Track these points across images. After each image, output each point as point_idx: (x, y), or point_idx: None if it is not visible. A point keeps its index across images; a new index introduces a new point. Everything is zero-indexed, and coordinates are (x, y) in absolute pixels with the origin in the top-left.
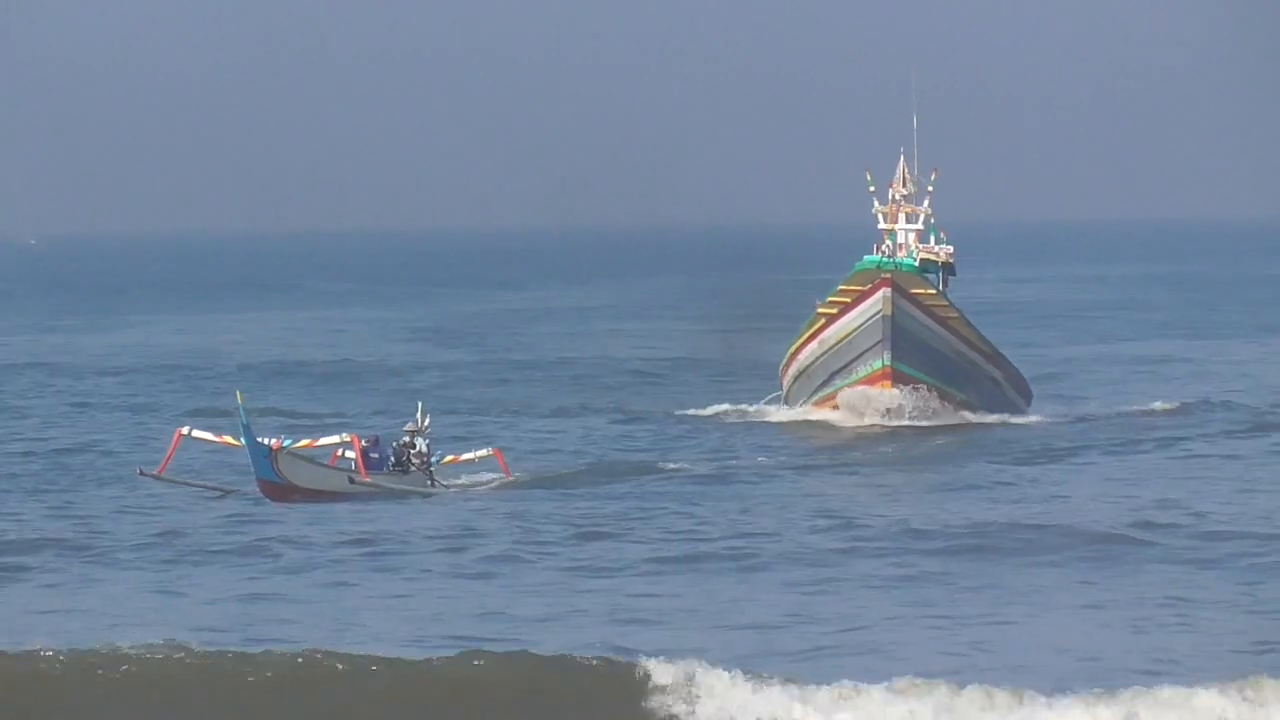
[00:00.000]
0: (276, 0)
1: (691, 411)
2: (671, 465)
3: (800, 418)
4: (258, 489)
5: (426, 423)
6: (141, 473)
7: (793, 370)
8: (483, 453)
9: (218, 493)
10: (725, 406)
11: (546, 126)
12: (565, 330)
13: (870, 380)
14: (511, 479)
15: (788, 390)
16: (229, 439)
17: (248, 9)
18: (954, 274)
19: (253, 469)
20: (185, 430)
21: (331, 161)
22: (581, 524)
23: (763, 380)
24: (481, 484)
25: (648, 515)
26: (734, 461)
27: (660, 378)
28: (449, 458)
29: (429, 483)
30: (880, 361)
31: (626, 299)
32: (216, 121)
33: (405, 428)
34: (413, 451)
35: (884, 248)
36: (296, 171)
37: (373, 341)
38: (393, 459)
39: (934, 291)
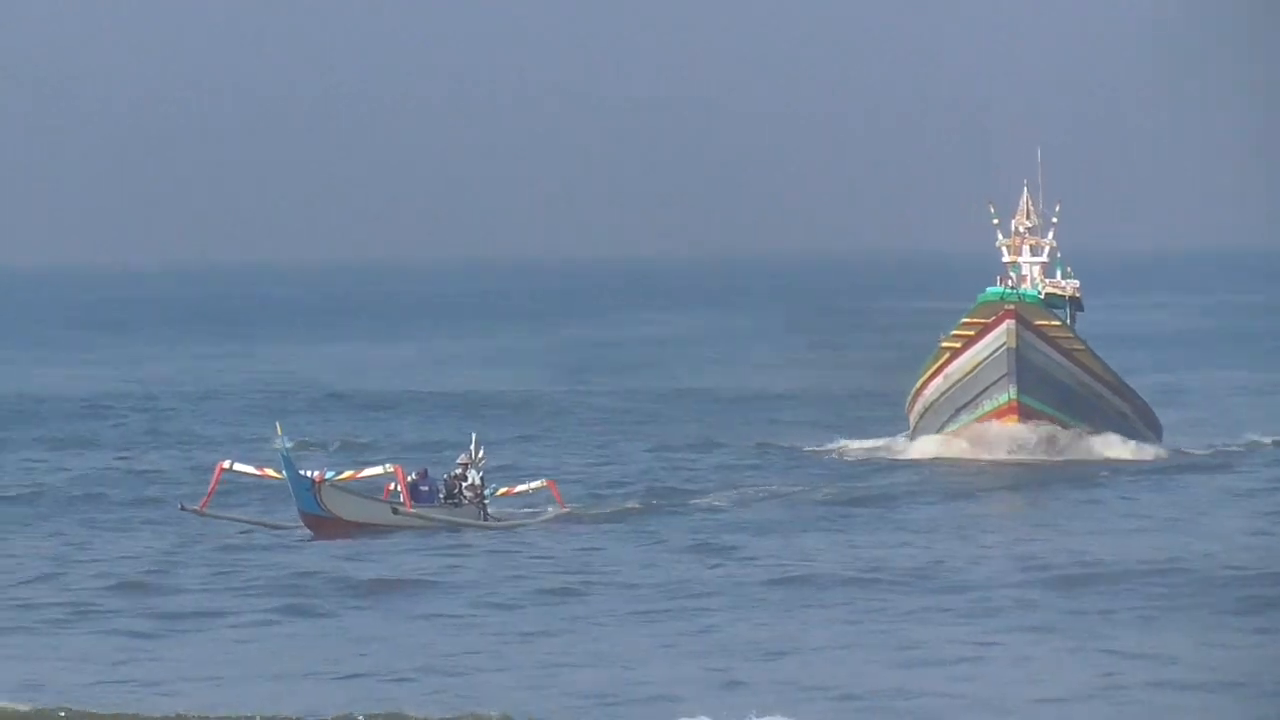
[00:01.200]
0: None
1: (816, 447)
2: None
3: (926, 454)
4: (300, 522)
5: (480, 455)
6: (183, 508)
7: (919, 406)
8: (536, 484)
9: (261, 527)
10: (850, 443)
11: (660, 157)
12: (697, 358)
13: (996, 414)
14: (566, 510)
15: (914, 425)
16: (270, 471)
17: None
18: (1081, 309)
19: (295, 502)
20: (227, 464)
21: (460, 192)
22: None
23: (892, 411)
24: (536, 516)
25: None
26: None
27: (783, 409)
28: (502, 490)
29: (481, 515)
30: (1006, 395)
31: (747, 326)
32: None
33: (458, 460)
34: (465, 484)
35: (1008, 280)
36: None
37: (503, 370)
38: (443, 492)
39: (1059, 323)
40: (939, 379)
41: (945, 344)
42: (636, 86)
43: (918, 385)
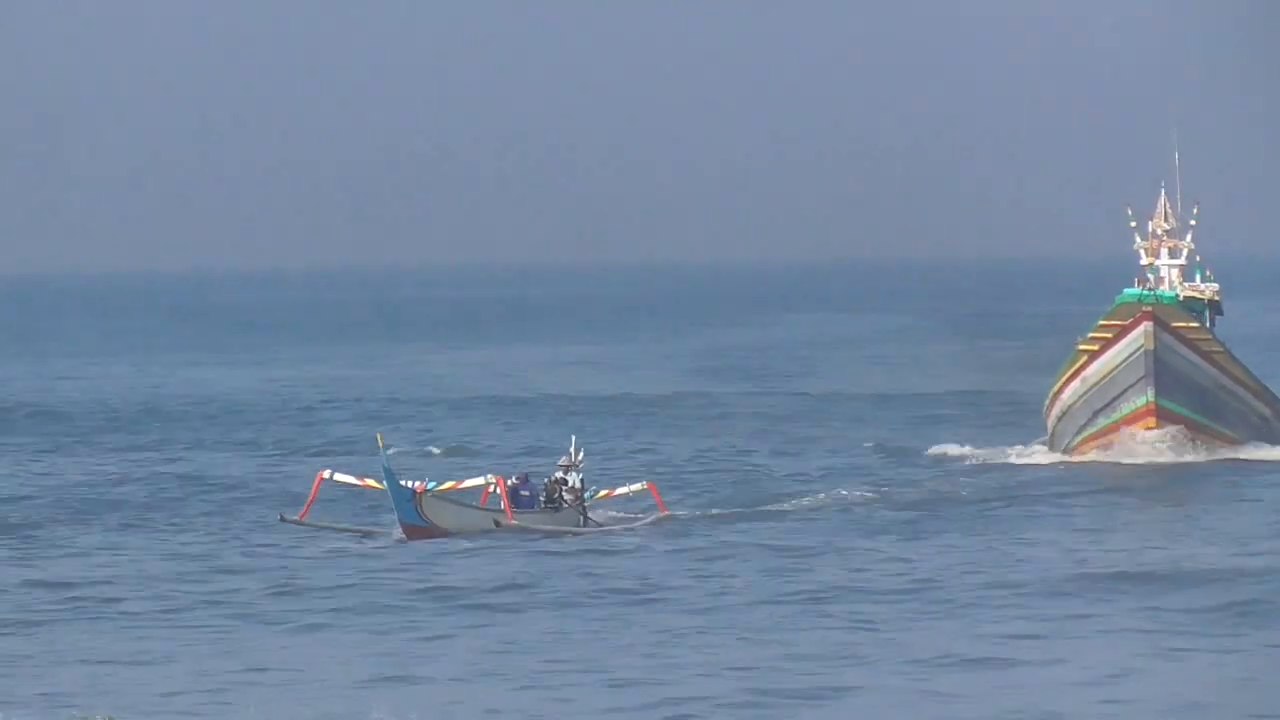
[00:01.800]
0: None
1: (949, 450)
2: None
3: (1063, 459)
4: (401, 532)
5: (580, 457)
6: (283, 518)
7: (1056, 410)
8: (637, 487)
9: (361, 536)
10: (985, 449)
11: (816, 160)
12: (842, 360)
13: (1134, 418)
14: (666, 514)
15: (1052, 431)
16: (371, 482)
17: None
18: (1220, 312)
19: (396, 513)
20: (327, 474)
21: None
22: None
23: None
24: (636, 520)
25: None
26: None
27: (929, 411)
28: (602, 493)
29: (581, 520)
30: (1144, 398)
31: (896, 329)
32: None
33: (559, 463)
34: (565, 488)
35: (1145, 283)
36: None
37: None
38: (543, 496)
39: (1197, 325)
40: (1076, 382)
41: (1083, 347)
42: (804, 89)
43: (1055, 388)
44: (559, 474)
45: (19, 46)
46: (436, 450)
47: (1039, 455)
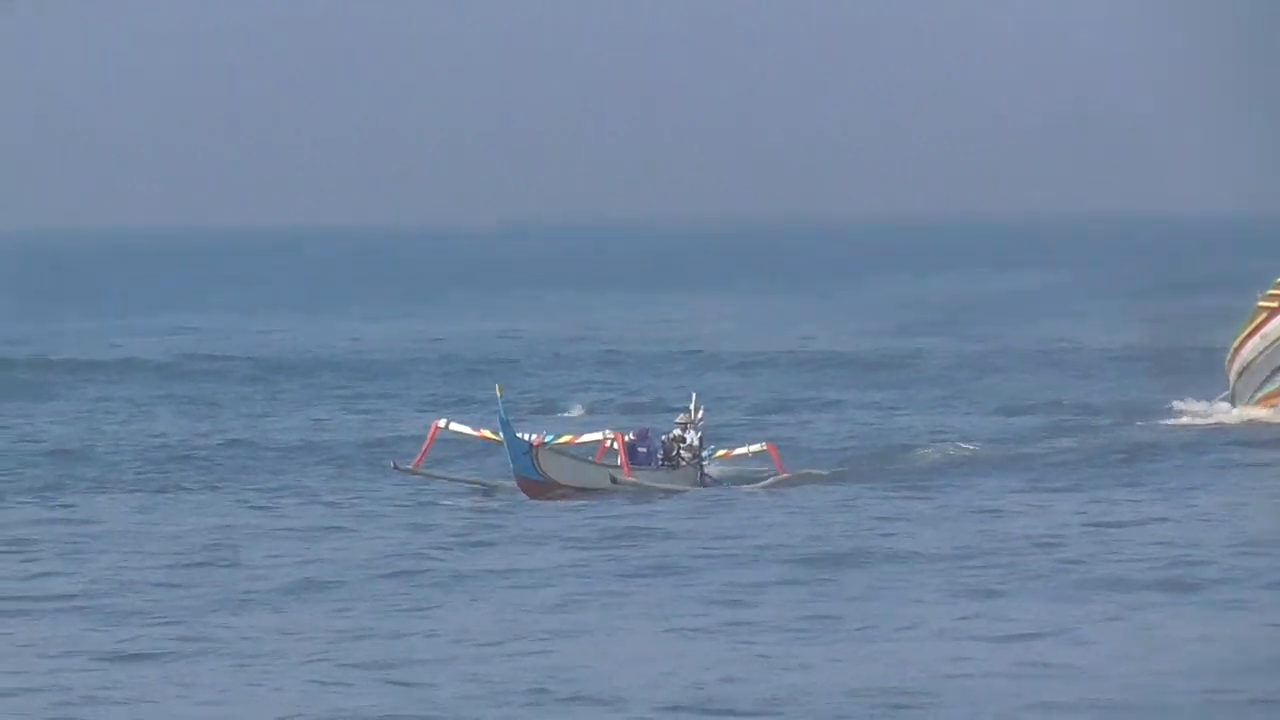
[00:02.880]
0: None
1: (1131, 404)
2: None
3: (1243, 417)
4: (516, 485)
5: (699, 414)
6: (395, 466)
7: (1236, 367)
8: (756, 447)
9: (476, 487)
10: (1175, 403)
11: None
12: (1006, 314)
13: None
14: (785, 475)
15: (1233, 388)
16: (487, 433)
17: None
18: None
19: (511, 465)
20: (443, 423)
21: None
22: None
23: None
24: (754, 480)
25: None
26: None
27: (1100, 369)
28: (721, 451)
29: (698, 478)
30: None
31: (1088, 284)
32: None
33: (676, 419)
34: (683, 445)
35: None
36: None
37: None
38: (661, 453)
39: None
40: (1255, 339)
41: (1262, 303)
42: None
43: (1236, 343)
44: (677, 431)
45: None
46: (579, 410)
47: (1217, 413)
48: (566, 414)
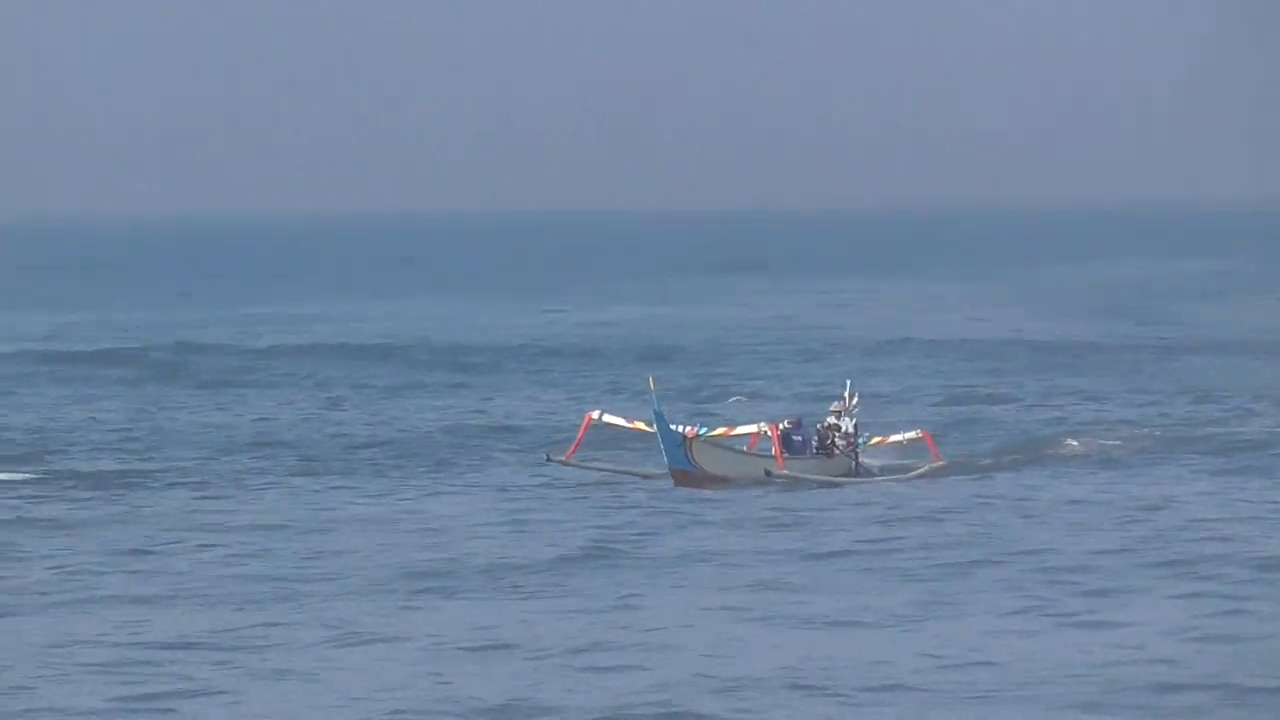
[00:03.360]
0: None
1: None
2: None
3: None
4: (670, 477)
5: (854, 402)
6: (549, 458)
7: None
8: (911, 435)
9: (631, 478)
10: None
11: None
12: (1176, 303)
13: None
14: (941, 464)
15: None
16: (641, 424)
17: None
18: None
19: (665, 457)
20: (596, 415)
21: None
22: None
23: None
24: (909, 469)
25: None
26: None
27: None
28: (875, 439)
29: (853, 468)
30: None
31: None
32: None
33: (831, 408)
34: (837, 434)
35: None
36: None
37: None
38: (815, 441)
39: None
40: None
41: None
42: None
43: None
44: (831, 419)
45: None
46: (739, 398)
47: None
48: (734, 400)
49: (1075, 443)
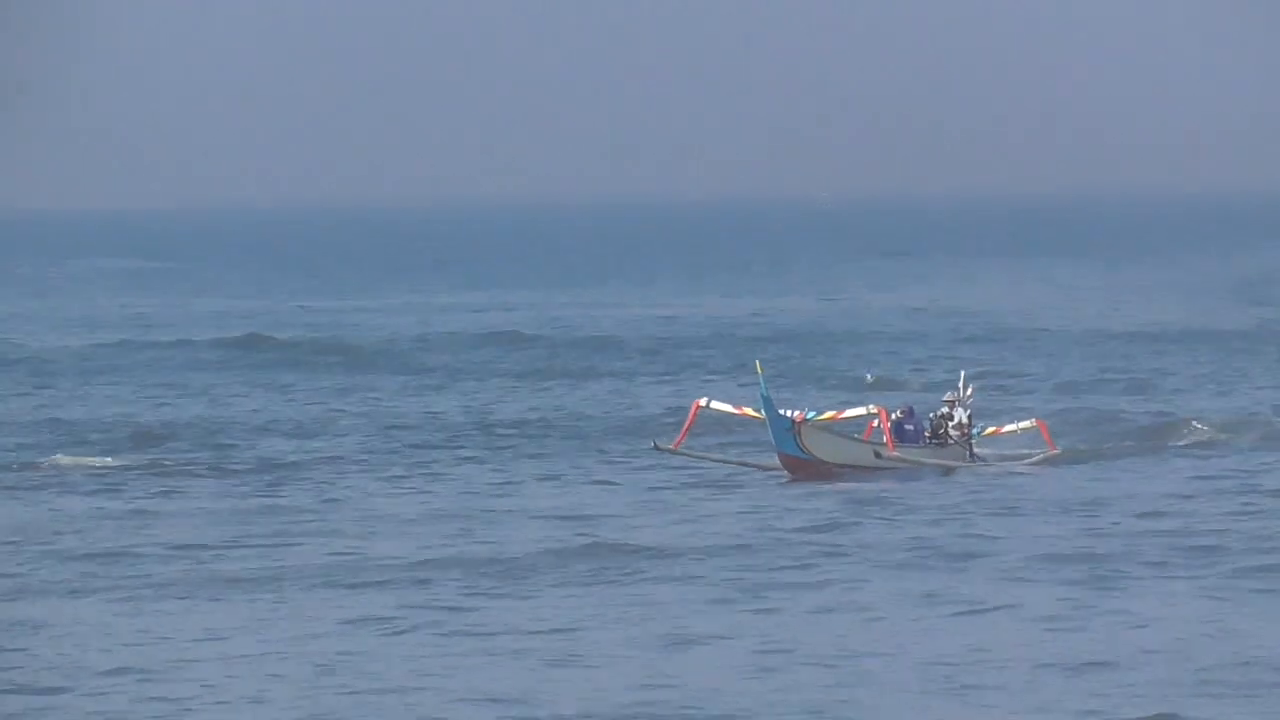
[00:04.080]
0: None
1: None
2: None
3: None
4: (779, 463)
5: (969, 392)
6: (656, 446)
7: None
8: (1026, 424)
9: (739, 467)
10: None
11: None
12: None
13: None
14: (1056, 452)
15: None
16: (749, 411)
17: None
18: None
19: (773, 443)
20: (703, 402)
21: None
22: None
23: None
24: (1023, 458)
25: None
26: None
27: None
28: (990, 429)
29: (967, 456)
30: None
31: None
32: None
33: (944, 398)
34: (951, 424)
35: None
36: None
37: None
38: (928, 431)
39: None
40: None
41: None
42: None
43: None
44: (944, 409)
45: None
46: (870, 377)
47: None
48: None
49: (1201, 428)
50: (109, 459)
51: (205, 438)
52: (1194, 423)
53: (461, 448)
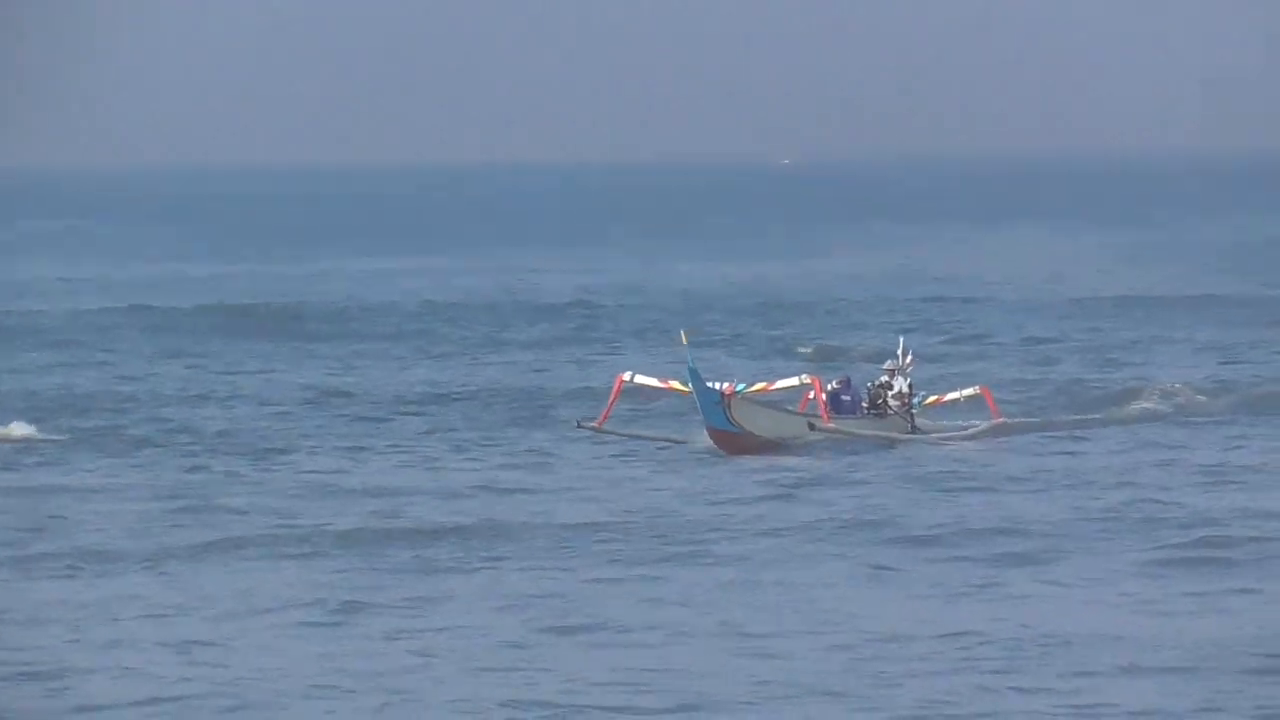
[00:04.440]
0: None
1: None
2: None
3: None
4: (708, 439)
5: (908, 360)
6: (580, 425)
7: None
8: (969, 392)
9: (665, 444)
10: None
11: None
12: None
13: None
14: (1001, 421)
15: None
16: (675, 384)
17: None
18: None
19: (702, 417)
20: (627, 376)
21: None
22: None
23: None
24: (966, 428)
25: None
26: None
27: None
28: (931, 398)
29: (908, 428)
30: None
31: None
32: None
33: (884, 366)
34: (890, 393)
35: None
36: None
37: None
38: (865, 402)
39: None
40: None
41: None
42: None
43: None
44: (884, 378)
45: None
46: (806, 349)
47: None
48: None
49: (1166, 397)
50: (33, 429)
51: (135, 408)
52: (1159, 391)
53: (388, 420)
